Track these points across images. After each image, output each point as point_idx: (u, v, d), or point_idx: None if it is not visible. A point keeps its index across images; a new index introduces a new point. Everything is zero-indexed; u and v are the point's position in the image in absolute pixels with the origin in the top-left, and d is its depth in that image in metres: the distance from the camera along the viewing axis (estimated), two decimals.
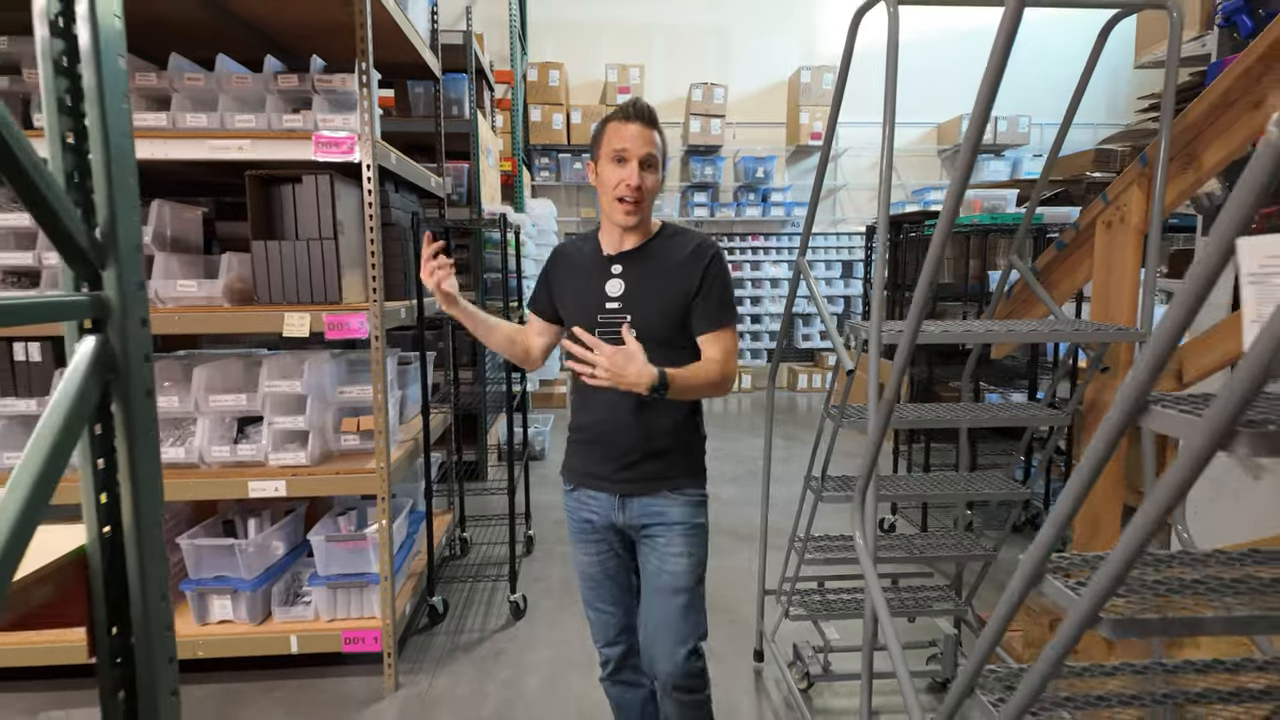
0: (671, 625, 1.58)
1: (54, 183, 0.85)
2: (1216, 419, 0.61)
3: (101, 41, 0.91)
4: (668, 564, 1.59)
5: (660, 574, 1.60)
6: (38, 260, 2.15)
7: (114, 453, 0.96)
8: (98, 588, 0.97)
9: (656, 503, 1.60)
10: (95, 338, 0.93)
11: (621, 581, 1.70)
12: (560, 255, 1.69)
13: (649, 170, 1.52)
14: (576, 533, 1.70)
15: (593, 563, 1.68)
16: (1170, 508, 0.67)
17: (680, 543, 1.59)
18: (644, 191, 1.52)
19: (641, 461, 1.59)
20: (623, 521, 1.63)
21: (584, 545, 1.69)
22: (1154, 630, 0.80)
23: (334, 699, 2.28)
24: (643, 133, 1.51)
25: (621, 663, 1.72)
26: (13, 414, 2.18)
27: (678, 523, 1.60)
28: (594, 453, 1.63)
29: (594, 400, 1.59)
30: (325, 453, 2.34)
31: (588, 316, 1.57)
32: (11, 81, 2.11)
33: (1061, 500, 0.83)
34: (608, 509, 1.63)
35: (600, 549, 1.67)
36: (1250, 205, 0.57)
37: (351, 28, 2.19)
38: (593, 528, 1.66)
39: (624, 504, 1.61)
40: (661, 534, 1.60)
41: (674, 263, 1.56)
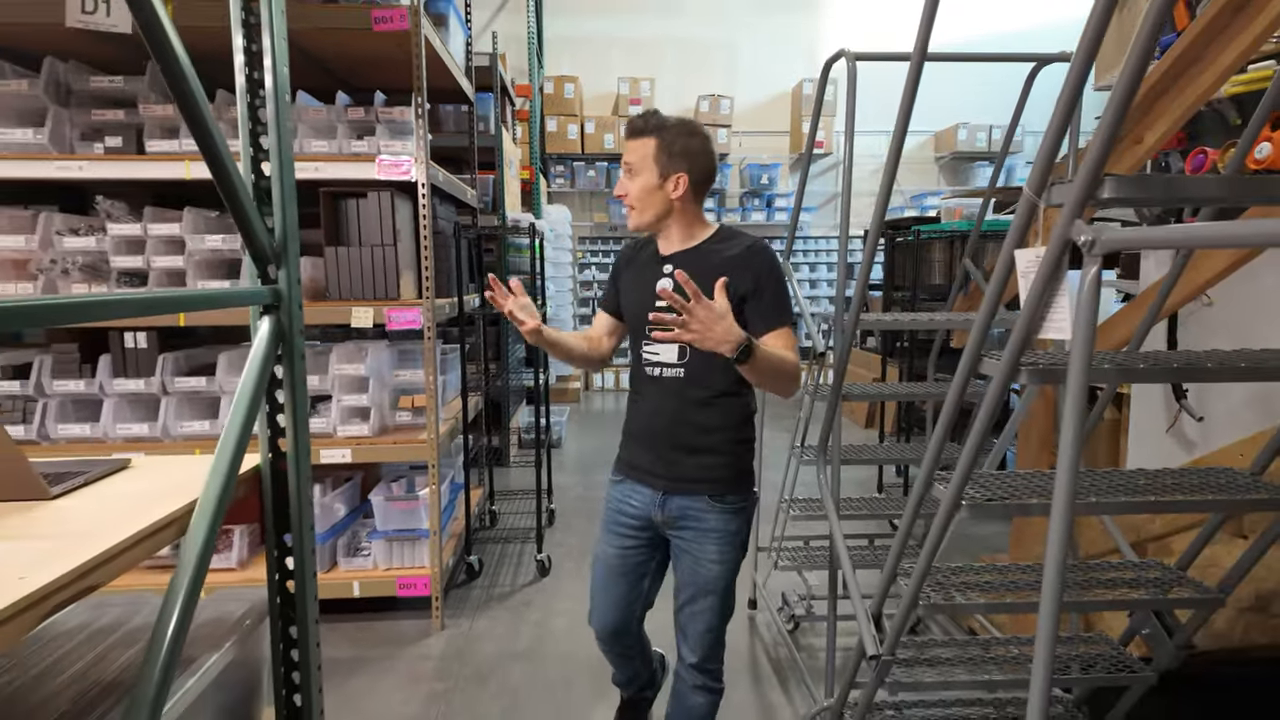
0: (706, 619, 1.67)
1: (250, 200, 1.25)
2: (1007, 360, 1.00)
3: (278, 86, 1.29)
4: (701, 567, 1.64)
5: (694, 573, 1.65)
6: (146, 263, 2.56)
7: (278, 400, 1.36)
8: (267, 496, 1.38)
9: (696, 505, 1.63)
10: (271, 318, 1.33)
11: (634, 581, 1.75)
12: (624, 255, 1.78)
13: (628, 175, 1.60)
14: (611, 523, 1.76)
15: (616, 554, 1.74)
16: (986, 425, 1.06)
17: (714, 550, 1.63)
18: (628, 196, 1.60)
19: (686, 459, 1.62)
20: (660, 518, 1.67)
21: (614, 536, 1.74)
22: (997, 513, 1.18)
23: (390, 636, 2.68)
24: (629, 144, 1.60)
25: (613, 644, 1.83)
26: (124, 392, 2.60)
27: (713, 530, 1.62)
28: (643, 447, 1.68)
29: (648, 396, 1.66)
30: (383, 427, 2.75)
31: (641, 313, 1.64)
32: (127, 114, 2.53)
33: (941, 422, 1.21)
34: (649, 505, 1.67)
35: (629, 542, 1.72)
36: (1014, 239, 0.96)
37: (399, 60, 2.61)
38: (630, 519, 1.71)
39: (665, 501, 1.65)
40: (696, 539, 1.64)
41: (722, 260, 1.56)
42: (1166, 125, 1.81)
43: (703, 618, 1.67)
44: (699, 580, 1.65)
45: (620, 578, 1.74)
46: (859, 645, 1.56)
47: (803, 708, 2.24)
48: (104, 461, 1.31)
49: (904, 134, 1.35)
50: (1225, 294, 2.30)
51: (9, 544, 0.99)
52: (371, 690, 2.33)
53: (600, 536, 1.80)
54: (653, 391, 1.65)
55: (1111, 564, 1.54)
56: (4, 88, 2.41)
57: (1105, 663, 1.61)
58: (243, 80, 1.30)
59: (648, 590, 1.79)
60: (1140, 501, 1.17)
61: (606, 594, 1.77)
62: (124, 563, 1.00)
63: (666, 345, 1.62)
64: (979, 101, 7.54)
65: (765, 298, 1.55)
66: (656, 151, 1.56)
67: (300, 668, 1.42)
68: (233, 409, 1.18)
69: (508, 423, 4.98)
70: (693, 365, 1.61)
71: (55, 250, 2.52)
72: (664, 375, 1.65)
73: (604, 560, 1.77)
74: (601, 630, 1.81)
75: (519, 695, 2.32)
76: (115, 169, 2.46)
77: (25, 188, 2.72)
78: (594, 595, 1.80)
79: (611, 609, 1.77)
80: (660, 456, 1.65)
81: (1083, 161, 0.83)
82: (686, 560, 1.66)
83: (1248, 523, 1.71)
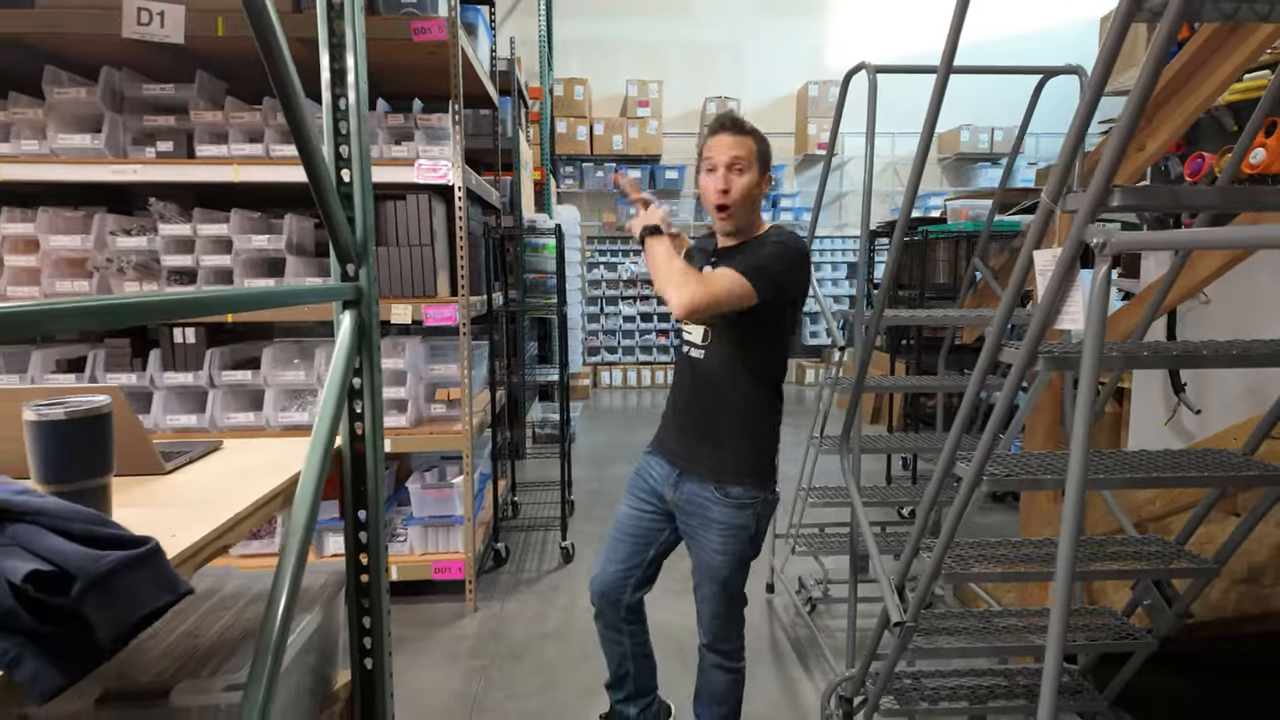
0: (711, 604, 1.75)
1: (339, 202, 1.38)
2: (1026, 348, 1.14)
3: (360, 101, 1.42)
4: (705, 555, 1.71)
5: (700, 559, 1.73)
6: (195, 262, 2.69)
7: (358, 386, 1.49)
8: (347, 475, 1.50)
9: (703, 494, 1.68)
10: (353, 312, 1.45)
11: (640, 545, 1.81)
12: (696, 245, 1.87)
13: (735, 170, 1.59)
14: (633, 486, 1.86)
15: (630, 514, 1.84)
16: (1006, 406, 1.19)
17: (718, 541, 1.68)
18: (732, 191, 1.59)
19: (698, 441, 1.70)
20: (671, 497, 1.75)
21: (633, 498, 1.85)
22: (1014, 487, 1.31)
23: (426, 618, 2.81)
24: (727, 139, 1.60)
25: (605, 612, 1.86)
26: (173, 385, 2.72)
27: (717, 521, 1.67)
28: (669, 424, 1.80)
29: (679, 375, 1.77)
30: (419, 418, 2.88)
31: None
32: (178, 120, 2.65)
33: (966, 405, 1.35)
34: (663, 481, 1.77)
35: (641, 506, 1.82)
36: (1033, 241, 1.09)
37: (433, 68, 2.74)
38: (646, 488, 1.82)
39: (679, 482, 1.73)
40: (700, 527, 1.70)
41: (753, 253, 1.60)
42: (1168, 133, 1.94)
43: (709, 604, 1.75)
44: (703, 567, 1.72)
45: (629, 537, 1.82)
46: (882, 615, 1.69)
47: (822, 682, 2.37)
48: (202, 443, 1.44)
49: (928, 146, 1.49)
50: (1222, 292, 2.43)
51: (145, 510, 1.12)
52: (414, 666, 2.46)
53: (625, 497, 1.88)
54: (683, 370, 1.74)
55: (1115, 540, 1.67)
56: (64, 95, 2.54)
57: (1110, 632, 1.74)
58: (328, 97, 1.42)
59: (649, 562, 1.83)
60: (1143, 477, 1.30)
61: (612, 550, 1.84)
62: (246, 527, 1.13)
63: (694, 328, 1.70)
64: (981, 104, 7.67)
65: (752, 255, 1.58)
66: (757, 152, 1.61)
67: (373, 633, 1.55)
68: (324, 394, 1.31)
69: (524, 417, 5.11)
70: (712, 348, 1.67)
71: (109, 249, 2.64)
72: (691, 354, 1.72)
73: (619, 519, 1.85)
74: (595, 584, 1.86)
75: (553, 671, 2.45)
76: (167, 172, 2.59)
77: (75, 189, 2.85)
78: (601, 553, 1.88)
79: (611, 564, 1.83)
80: (678, 435, 1.74)
81: (1094, 174, 0.96)
82: (693, 546, 1.74)
83: (1240, 501, 1.84)
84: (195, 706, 1.11)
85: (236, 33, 2.49)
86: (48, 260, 2.64)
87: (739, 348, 1.61)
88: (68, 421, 0.94)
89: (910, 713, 1.85)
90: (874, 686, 1.81)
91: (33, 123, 2.57)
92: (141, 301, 0.85)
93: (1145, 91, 0.88)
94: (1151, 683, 2.16)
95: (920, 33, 7.74)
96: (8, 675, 0.66)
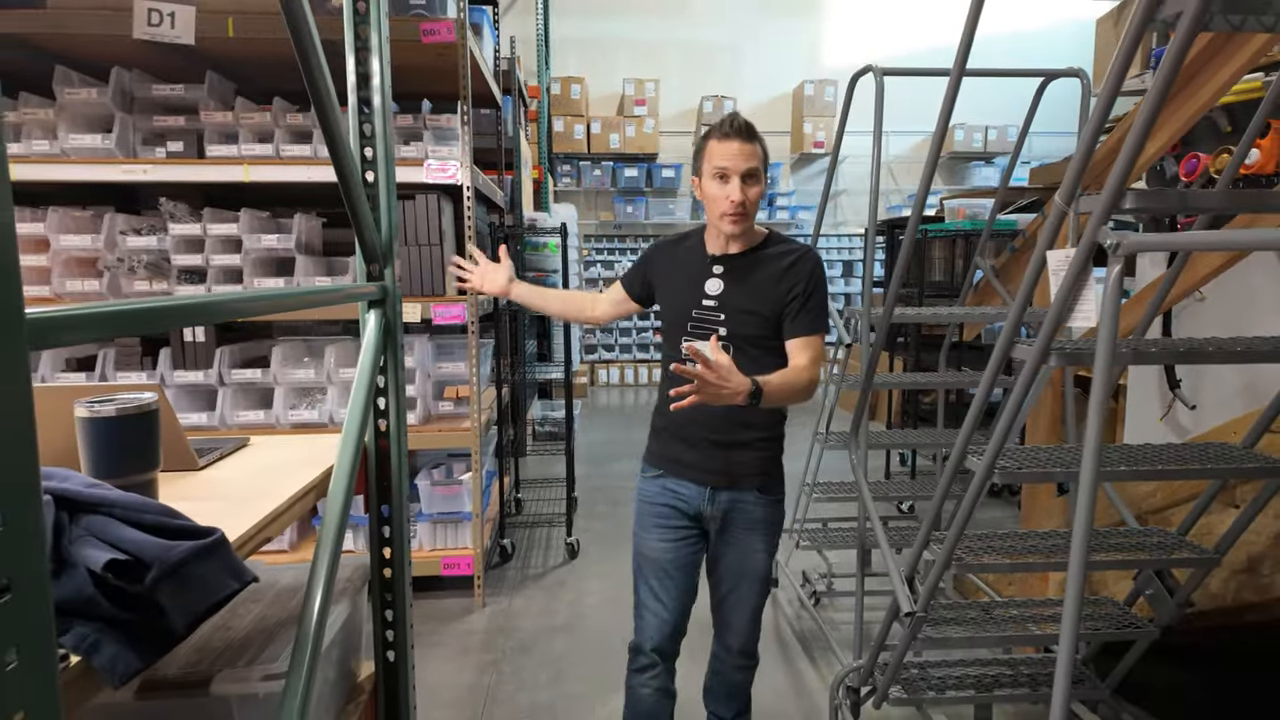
0: (750, 605, 1.72)
1: (366, 204, 1.41)
2: (1040, 344, 1.18)
3: (385, 104, 1.44)
4: (750, 558, 1.68)
5: (743, 563, 1.69)
6: (205, 261, 2.71)
7: (382, 384, 1.52)
8: (371, 471, 1.53)
9: (745, 498, 1.66)
10: (378, 311, 1.48)
11: (690, 574, 1.72)
12: (662, 249, 1.78)
13: (751, 183, 1.57)
14: (654, 518, 1.71)
15: (669, 548, 1.69)
16: (1020, 401, 1.23)
17: (762, 542, 1.69)
18: (748, 205, 1.57)
19: (733, 454, 1.65)
20: (710, 512, 1.68)
21: (662, 531, 1.69)
22: (1025, 480, 1.35)
23: (436, 612, 2.84)
24: (743, 148, 1.55)
25: (664, 666, 1.73)
26: (184, 383, 2.74)
27: (760, 521, 1.68)
28: (685, 443, 1.67)
29: None
30: (427, 416, 2.91)
31: (684, 312, 1.65)
32: (188, 120, 2.67)
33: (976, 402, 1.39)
34: (697, 499, 1.67)
35: (680, 536, 1.69)
36: (1046, 242, 1.13)
37: (440, 68, 2.77)
38: (677, 514, 1.69)
39: (714, 496, 1.66)
40: (745, 530, 1.68)
41: (775, 270, 1.60)
42: (1167, 136, 1.99)
43: (748, 602, 1.71)
44: (746, 569, 1.69)
45: (677, 571, 1.69)
46: (891, 606, 1.74)
47: (828, 673, 2.42)
48: (231, 440, 1.46)
49: (939, 148, 1.52)
50: (1217, 290, 2.49)
51: (185, 505, 1.13)
52: (427, 660, 2.49)
53: (640, 539, 1.73)
54: None
55: (1118, 531, 1.72)
56: (74, 95, 2.55)
57: (1112, 621, 1.79)
58: (354, 100, 1.45)
59: (696, 587, 1.74)
60: (1150, 470, 1.35)
61: (665, 592, 1.69)
62: (285, 520, 1.16)
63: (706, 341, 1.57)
64: (975, 104, 7.71)
65: (809, 303, 1.59)
66: (763, 155, 1.61)
67: (395, 626, 1.58)
68: (354, 391, 1.34)
69: (524, 415, 5.14)
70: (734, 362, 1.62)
71: (120, 249, 2.66)
72: None
73: (656, 559, 1.69)
74: (662, 639, 1.70)
75: (563, 663, 2.48)
76: (177, 172, 2.61)
77: (84, 189, 2.86)
78: (645, 600, 1.71)
79: (667, 608, 1.69)
80: (706, 453, 1.65)
81: (1108, 178, 1.00)
82: (732, 552, 1.69)
83: (1239, 493, 1.90)
84: (235, 695, 1.14)
85: (247, 34, 2.51)
86: (58, 260, 2.65)
87: (764, 358, 1.60)
88: (119, 418, 0.97)
89: (917, 701, 1.90)
90: (883, 676, 1.86)
91: (43, 123, 2.59)
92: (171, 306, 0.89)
93: (1157, 102, 0.92)
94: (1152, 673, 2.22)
95: (916, 33, 7.80)
96: (86, 660, 0.69)
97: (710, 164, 1.58)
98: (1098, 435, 1.06)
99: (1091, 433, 1.06)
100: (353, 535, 2.84)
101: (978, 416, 1.36)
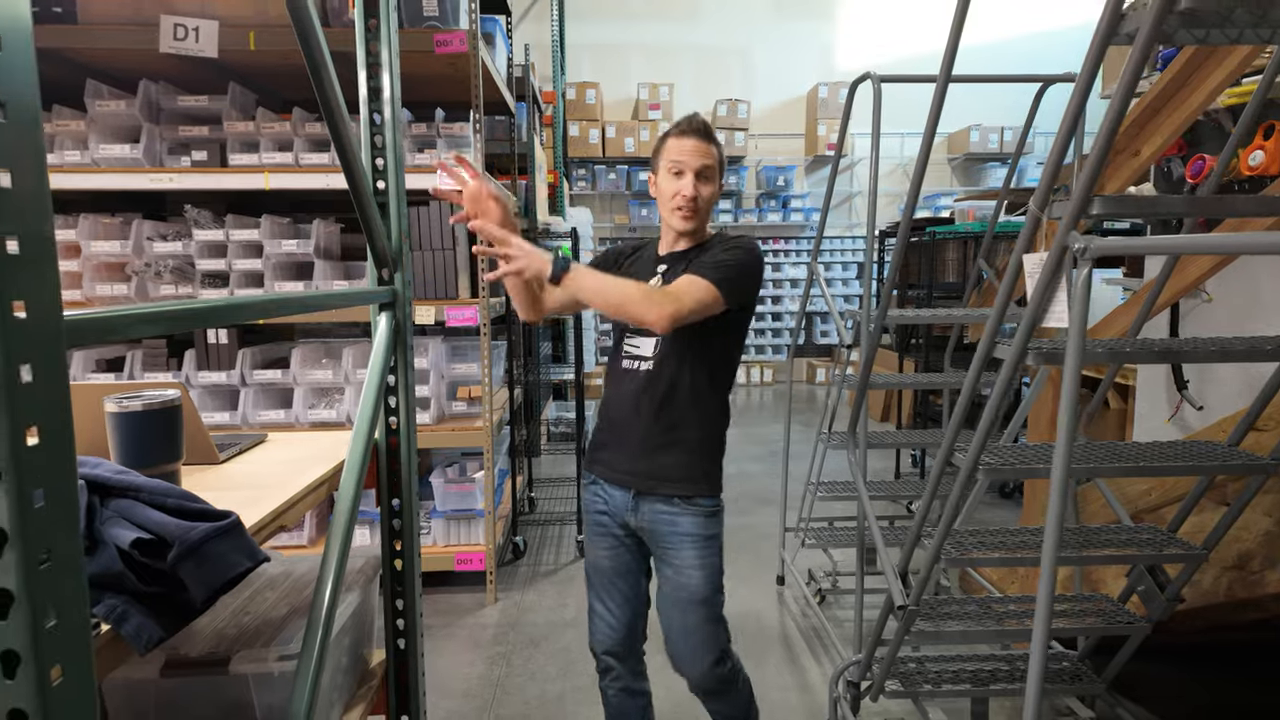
0: (694, 635, 1.59)
1: (376, 212, 1.48)
2: (1017, 344, 1.22)
3: (395, 116, 1.52)
4: (683, 575, 1.59)
5: (677, 586, 1.60)
6: (228, 266, 2.81)
7: (392, 383, 1.59)
8: (382, 465, 1.61)
9: (670, 510, 1.59)
10: (389, 314, 1.55)
11: (633, 580, 1.68)
12: (621, 252, 1.78)
13: (704, 181, 1.58)
14: (592, 525, 1.71)
15: (605, 557, 1.68)
16: (1000, 399, 1.28)
17: (693, 555, 1.59)
18: (699, 201, 1.58)
19: (656, 453, 1.59)
20: (635, 523, 1.63)
21: (598, 540, 1.70)
22: (1008, 476, 1.40)
23: (449, 607, 2.92)
24: (698, 146, 1.57)
25: (622, 668, 1.71)
26: (207, 383, 2.85)
27: (689, 534, 1.59)
28: (612, 443, 1.66)
29: (623, 391, 1.63)
30: (440, 415, 2.99)
31: None
32: (211, 130, 2.77)
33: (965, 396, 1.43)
34: (621, 507, 1.64)
35: (613, 544, 1.67)
36: (1023, 246, 1.18)
37: (453, 77, 2.85)
38: (608, 521, 1.67)
39: (637, 504, 1.62)
40: (674, 544, 1.60)
41: (707, 257, 1.57)
42: (1161, 139, 2.02)
43: (697, 633, 1.59)
44: (683, 591, 1.59)
45: (619, 577, 1.68)
46: (887, 600, 1.78)
47: (831, 669, 2.46)
48: (249, 435, 1.55)
49: (928, 153, 1.57)
50: (1224, 291, 2.50)
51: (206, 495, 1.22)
52: (440, 652, 2.57)
53: (587, 546, 1.74)
54: (628, 386, 1.62)
55: (1110, 528, 1.75)
56: (104, 107, 2.66)
57: (1107, 617, 1.82)
58: (365, 112, 1.53)
59: (645, 593, 1.71)
60: (1130, 466, 1.38)
61: (610, 598, 1.68)
62: (299, 510, 1.24)
63: (645, 338, 1.61)
64: (991, 104, 7.72)
65: (711, 260, 1.53)
66: (719, 161, 1.62)
67: (405, 615, 1.66)
68: (364, 390, 1.41)
69: (538, 416, 5.22)
70: (665, 358, 1.59)
71: (147, 254, 2.77)
72: (639, 368, 1.62)
73: (596, 565, 1.70)
74: (613, 644, 1.69)
75: (571, 656, 2.55)
76: (201, 180, 2.71)
77: (113, 197, 2.98)
78: (592, 605, 1.70)
79: (611, 614, 1.68)
80: (631, 454, 1.61)
81: (1075, 185, 1.05)
82: (667, 570, 1.62)
83: (1230, 492, 1.92)
84: (252, 674, 1.22)
85: (267, 46, 2.61)
86: (88, 265, 2.76)
87: (698, 356, 1.57)
88: (145, 412, 1.05)
89: (914, 694, 1.94)
90: (879, 669, 1.90)
91: (75, 134, 2.70)
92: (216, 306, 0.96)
93: (1115, 120, 0.96)
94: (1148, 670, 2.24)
95: (930, 33, 7.79)
96: (115, 629, 0.76)
97: (666, 159, 1.60)
98: (1069, 431, 1.10)
99: (1063, 429, 1.11)
100: (368, 530, 2.92)
101: (963, 413, 1.41)
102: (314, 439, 1.64)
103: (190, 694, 1.22)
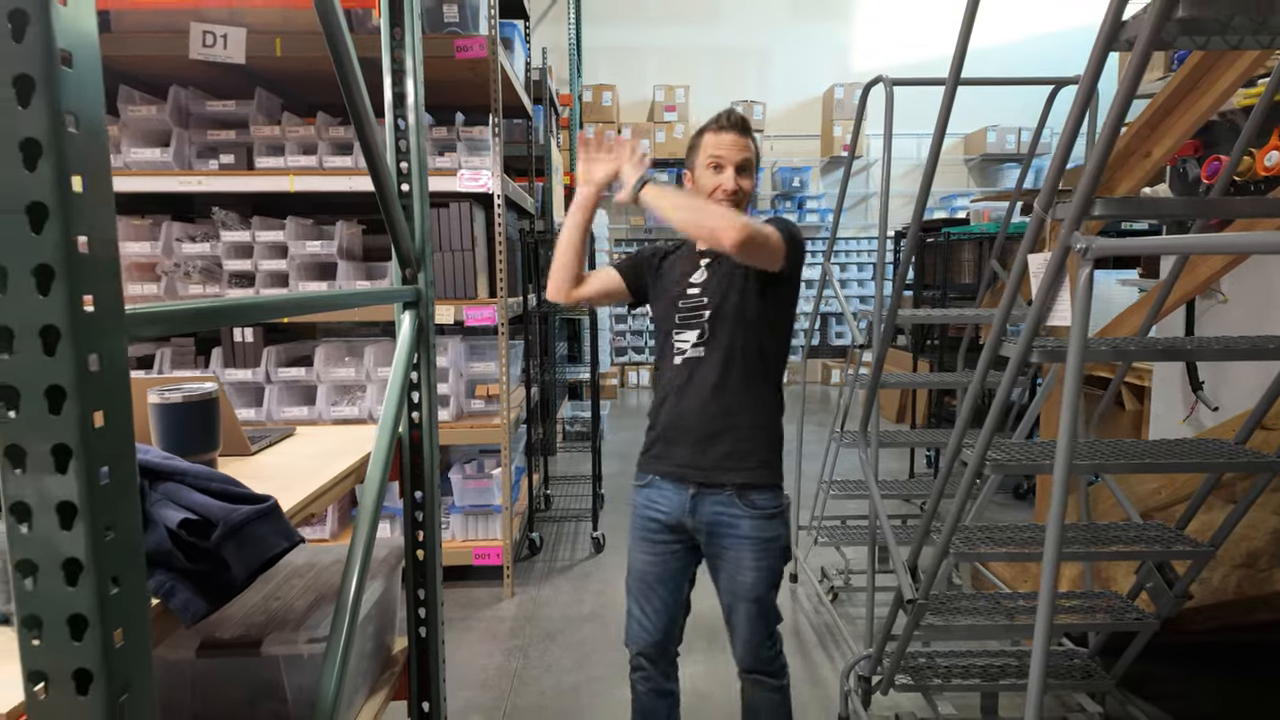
0: (748, 626, 1.63)
1: (401, 214, 1.53)
2: (1022, 342, 1.26)
3: (419, 121, 1.57)
4: (739, 575, 1.60)
5: (733, 582, 1.62)
6: (254, 266, 2.88)
7: (415, 380, 1.65)
8: (405, 459, 1.66)
9: (728, 511, 1.58)
10: (413, 312, 1.61)
11: (673, 587, 1.68)
12: (658, 252, 1.78)
13: (743, 175, 1.59)
14: (638, 530, 1.70)
15: (652, 562, 1.67)
16: (1005, 397, 1.31)
17: (750, 558, 1.59)
18: (740, 194, 1.59)
19: (712, 442, 1.59)
20: (691, 524, 1.63)
21: (646, 544, 1.68)
22: (1014, 471, 1.43)
23: (467, 600, 2.98)
24: (737, 140, 1.58)
25: (653, 669, 1.71)
26: (233, 381, 2.92)
27: (747, 537, 1.58)
28: (670, 442, 1.65)
29: (676, 388, 1.64)
30: (459, 413, 3.05)
31: (671, 302, 1.66)
32: (238, 134, 2.85)
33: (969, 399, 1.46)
34: (678, 509, 1.63)
35: (662, 549, 1.66)
36: (1028, 246, 1.21)
37: (472, 82, 2.91)
38: (660, 526, 1.66)
39: (695, 505, 1.61)
40: (731, 546, 1.60)
41: None
42: (1172, 141, 2.03)
43: (747, 626, 1.63)
44: (738, 589, 1.61)
45: (661, 584, 1.67)
46: (897, 595, 1.82)
47: (843, 665, 2.49)
48: (279, 429, 1.61)
49: (938, 155, 1.60)
50: (1239, 291, 2.51)
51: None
52: (458, 644, 2.62)
53: (631, 549, 1.71)
54: (680, 381, 1.63)
55: (1119, 525, 1.77)
56: (136, 113, 2.75)
57: (1116, 613, 1.84)
58: (390, 117, 1.58)
59: (686, 599, 1.72)
60: (1135, 463, 1.41)
61: (648, 603, 1.67)
62: (328, 499, 1.29)
63: (691, 331, 1.62)
64: (1007, 105, 7.71)
65: None
66: (755, 151, 1.63)
67: (427, 604, 1.71)
68: (389, 385, 1.47)
69: (555, 414, 5.27)
70: (713, 345, 1.60)
71: (177, 255, 2.85)
72: (689, 359, 1.63)
73: (639, 570, 1.69)
74: (645, 647, 1.69)
75: (587, 649, 2.60)
76: (229, 183, 2.79)
77: (143, 199, 3.06)
78: (631, 608, 1.70)
79: (649, 618, 1.67)
80: (689, 448, 1.61)
81: (1078, 187, 1.08)
82: (722, 568, 1.63)
83: (1239, 491, 1.93)
84: (282, 655, 1.28)
85: (293, 52, 2.68)
86: (120, 266, 2.85)
87: (746, 342, 1.58)
88: (184, 404, 1.11)
89: (923, 688, 1.97)
90: (889, 663, 1.93)
91: (109, 138, 2.79)
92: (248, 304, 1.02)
93: (1115, 124, 1.00)
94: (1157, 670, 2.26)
95: (947, 34, 7.77)
96: (164, 603, 0.82)
97: (704, 154, 1.61)
98: (1071, 426, 1.13)
99: (1064, 424, 1.14)
100: (388, 525, 2.99)
101: (971, 410, 1.44)
102: (339, 433, 1.70)
103: (224, 674, 1.28)
